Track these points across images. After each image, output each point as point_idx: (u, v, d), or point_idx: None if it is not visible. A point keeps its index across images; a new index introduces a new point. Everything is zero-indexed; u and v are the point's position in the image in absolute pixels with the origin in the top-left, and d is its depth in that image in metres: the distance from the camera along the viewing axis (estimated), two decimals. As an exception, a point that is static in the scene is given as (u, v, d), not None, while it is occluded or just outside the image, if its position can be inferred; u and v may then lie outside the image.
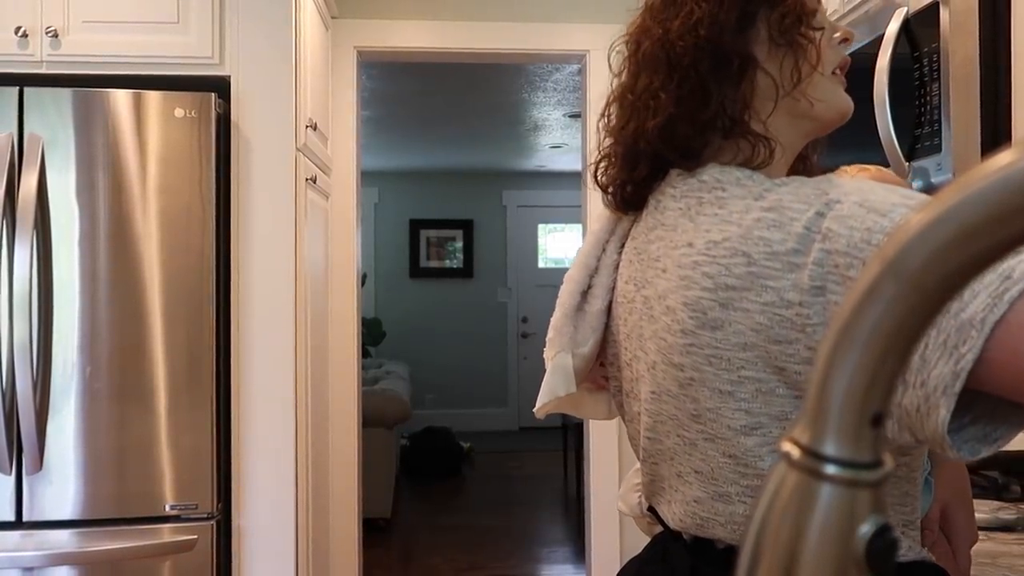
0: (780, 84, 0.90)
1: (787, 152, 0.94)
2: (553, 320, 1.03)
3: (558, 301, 1.04)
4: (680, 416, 0.89)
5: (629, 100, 0.96)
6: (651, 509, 1.03)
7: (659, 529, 1.08)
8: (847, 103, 0.95)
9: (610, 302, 1.01)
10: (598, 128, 1.02)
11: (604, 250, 1.02)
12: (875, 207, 0.74)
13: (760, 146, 0.89)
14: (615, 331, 1.00)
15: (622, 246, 1.01)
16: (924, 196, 0.77)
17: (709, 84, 0.89)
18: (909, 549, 0.85)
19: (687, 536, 0.93)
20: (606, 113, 1.02)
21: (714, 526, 0.88)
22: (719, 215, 0.85)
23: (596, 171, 1.02)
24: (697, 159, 0.91)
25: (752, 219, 0.82)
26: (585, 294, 1.02)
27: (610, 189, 1.00)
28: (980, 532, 1.35)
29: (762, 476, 0.83)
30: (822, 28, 0.92)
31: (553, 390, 1.01)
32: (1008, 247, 0.30)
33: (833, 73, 0.94)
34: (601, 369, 1.06)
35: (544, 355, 1.04)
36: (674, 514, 0.93)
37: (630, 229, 1.01)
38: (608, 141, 1.01)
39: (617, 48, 1.01)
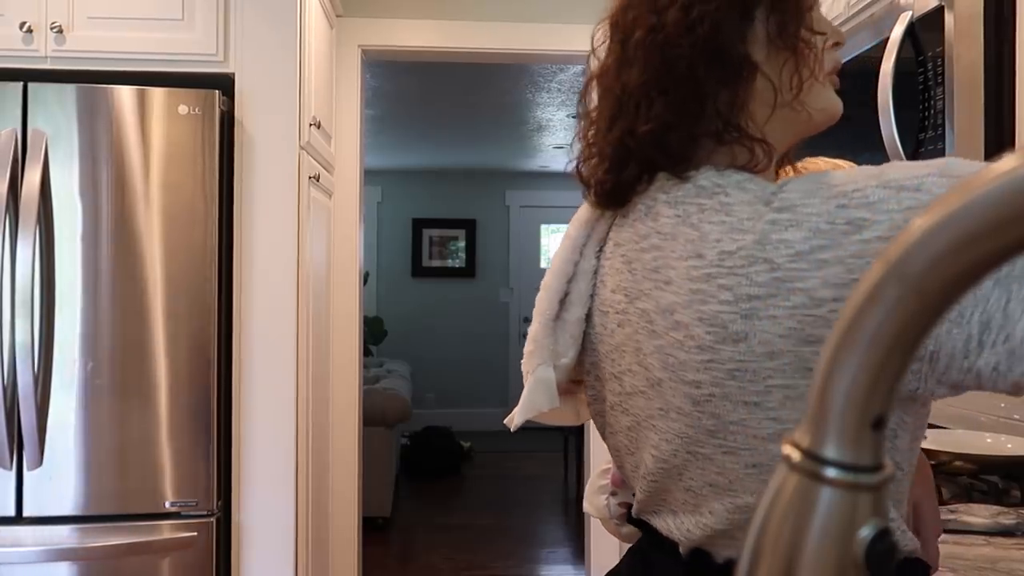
0: (779, 91, 0.87)
1: (779, 154, 0.93)
2: (532, 332, 0.98)
3: (535, 311, 0.99)
4: (692, 432, 0.85)
5: (617, 94, 0.91)
6: (636, 521, 1.00)
7: (628, 531, 1.07)
8: (840, 106, 0.93)
9: (589, 309, 0.97)
10: (577, 112, 0.98)
11: (581, 255, 0.97)
12: (902, 184, 0.74)
13: (759, 151, 0.87)
14: (594, 340, 0.97)
15: (599, 250, 0.97)
16: (936, 161, 0.76)
17: (706, 88, 0.85)
18: (911, 540, 0.86)
19: (684, 549, 0.91)
20: (586, 97, 0.98)
21: (727, 538, 0.87)
22: (727, 223, 0.81)
23: (579, 165, 0.98)
24: (689, 163, 0.87)
25: (766, 223, 0.79)
26: (563, 302, 0.97)
27: (592, 184, 0.96)
28: (980, 536, 1.36)
29: None
30: (823, 32, 0.89)
31: (536, 405, 0.96)
32: (1010, 252, 0.30)
33: (829, 75, 0.92)
34: (573, 373, 1.02)
35: (522, 367, 0.99)
36: (680, 526, 0.91)
37: (607, 232, 0.97)
38: (591, 131, 0.96)
39: (601, 28, 0.96)
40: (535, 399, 0.96)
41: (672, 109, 0.86)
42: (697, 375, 0.82)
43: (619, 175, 0.92)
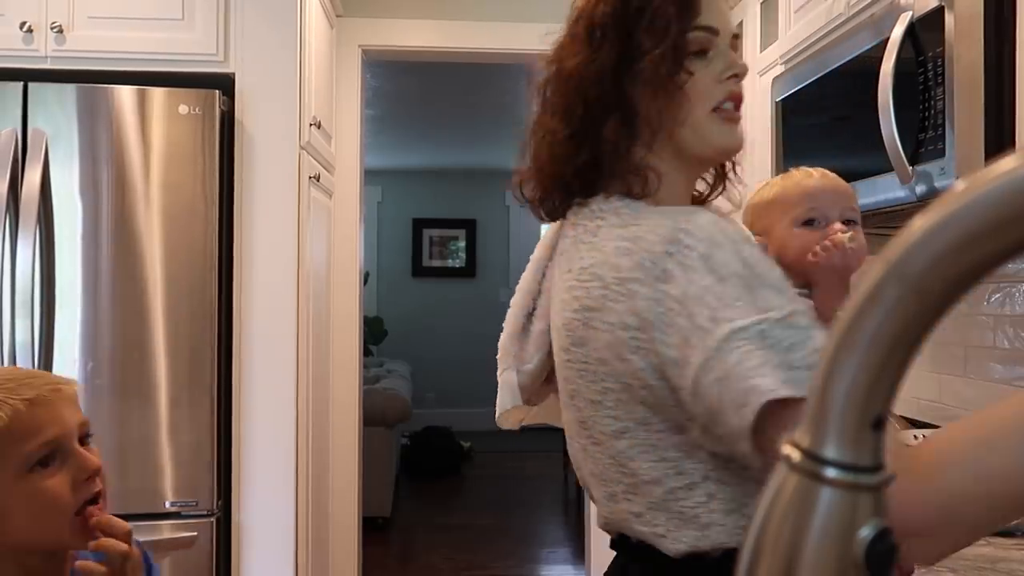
0: (659, 127, 0.95)
1: (676, 181, 0.98)
2: (500, 341, 1.13)
3: (505, 323, 1.12)
4: (574, 424, 0.98)
5: (537, 129, 1.03)
6: None
7: None
8: (728, 141, 0.97)
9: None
10: (527, 137, 1.08)
11: (544, 275, 1.08)
12: (715, 268, 0.80)
13: (636, 180, 0.94)
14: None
15: None
16: (763, 259, 0.82)
17: (590, 127, 0.95)
18: None
19: (612, 533, 1.01)
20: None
21: (613, 523, 0.97)
22: (592, 243, 0.93)
23: (520, 185, 1.08)
24: (586, 192, 0.98)
25: (612, 246, 0.89)
26: (530, 316, 1.10)
27: (532, 202, 1.07)
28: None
29: (636, 475, 0.91)
30: (692, 73, 0.94)
31: (502, 404, 1.11)
32: (1010, 253, 0.30)
33: (718, 109, 0.95)
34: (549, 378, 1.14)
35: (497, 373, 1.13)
36: (598, 510, 1.03)
37: None
38: (528, 156, 1.07)
39: (538, 68, 1.07)
40: (502, 399, 1.12)
41: (566, 145, 0.97)
42: (567, 372, 0.96)
43: (543, 199, 1.04)
